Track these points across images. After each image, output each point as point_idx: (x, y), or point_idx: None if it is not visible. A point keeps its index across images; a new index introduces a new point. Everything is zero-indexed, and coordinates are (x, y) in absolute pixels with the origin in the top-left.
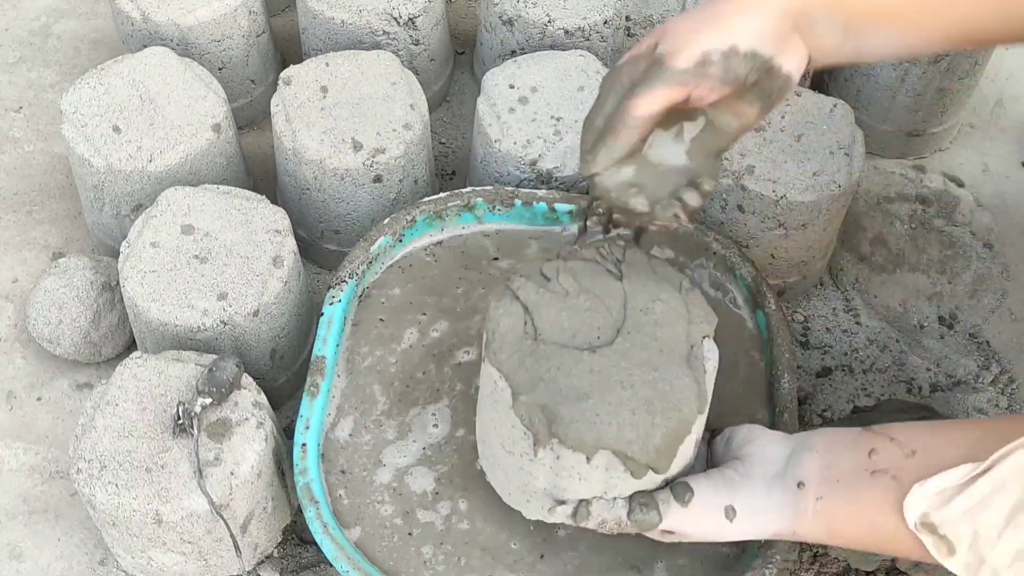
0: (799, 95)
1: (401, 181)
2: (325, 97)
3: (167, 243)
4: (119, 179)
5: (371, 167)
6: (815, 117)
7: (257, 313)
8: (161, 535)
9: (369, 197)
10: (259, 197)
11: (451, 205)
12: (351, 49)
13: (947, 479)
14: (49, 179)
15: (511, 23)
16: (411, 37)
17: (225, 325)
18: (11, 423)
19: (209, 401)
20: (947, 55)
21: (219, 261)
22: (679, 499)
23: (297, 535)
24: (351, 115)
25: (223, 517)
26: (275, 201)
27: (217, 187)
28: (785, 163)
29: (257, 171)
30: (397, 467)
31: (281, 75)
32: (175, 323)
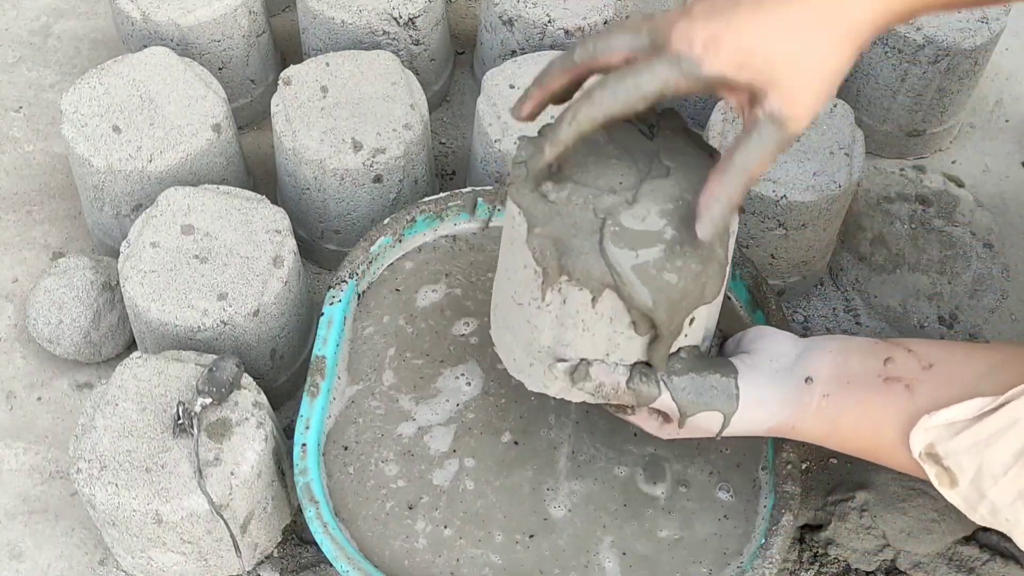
0: None
1: (401, 181)
2: (325, 97)
3: (167, 243)
4: (119, 179)
5: (371, 167)
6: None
7: (257, 313)
8: (161, 535)
9: (369, 197)
10: (259, 197)
11: (451, 205)
12: (351, 49)
13: (958, 411)
14: (49, 179)
15: (511, 23)
16: (411, 37)
17: (225, 325)
18: (11, 423)
19: (209, 401)
20: (947, 55)
21: (219, 261)
22: None
23: (297, 535)
24: (351, 115)
25: (223, 517)
26: (275, 201)
27: (217, 187)
28: (785, 163)
29: (257, 171)
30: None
31: (281, 75)
32: (175, 323)
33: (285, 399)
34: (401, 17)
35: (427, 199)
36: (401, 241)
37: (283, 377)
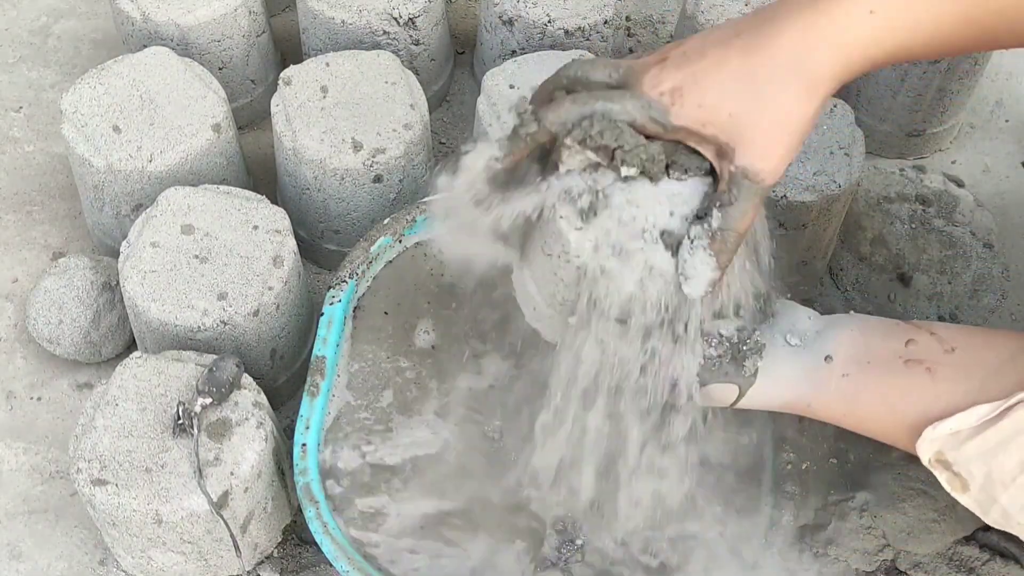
0: None
1: (401, 181)
2: (325, 97)
3: (167, 243)
4: (119, 179)
5: (371, 167)
6: None
7: (257, 313)
8: (161, 535)
9: (369, 197)
10: (259, 197)
11: None
12: (351, 49)
13: (961, 421)
14: (49, 179)
15: (511, 23)
16: (411, 37)
17: (225, 325)
18: (11, 423)
19: (209, 401)
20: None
21: (219, 261)
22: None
23: (297, 535)
24: (351, 115)
25: (223, 517)
26: (275, 201)
27: (217, 187)
28: None
29: (257, 171)
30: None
31: (281, 75)
32: (175, 323)
33: (285, 399)
34: (401, 17)
35: (427, 199)
36: (401, 241)
37: (283, 377)
